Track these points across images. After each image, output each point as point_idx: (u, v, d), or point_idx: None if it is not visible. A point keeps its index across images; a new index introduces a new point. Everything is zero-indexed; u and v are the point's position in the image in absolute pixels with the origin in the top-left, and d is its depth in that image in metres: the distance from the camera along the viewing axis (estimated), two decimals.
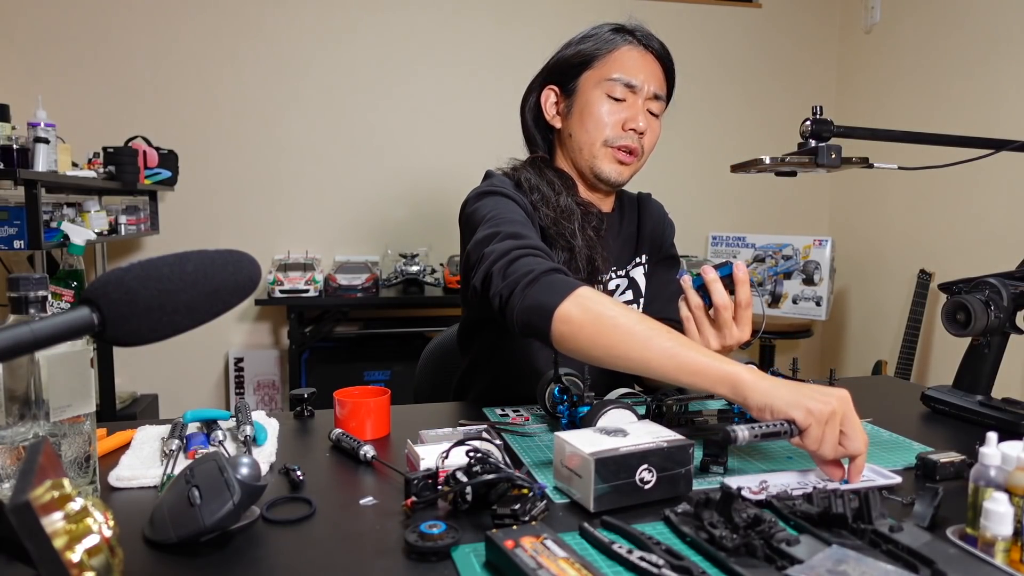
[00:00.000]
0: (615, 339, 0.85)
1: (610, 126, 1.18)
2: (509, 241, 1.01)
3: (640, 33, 1.22)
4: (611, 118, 1.18)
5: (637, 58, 1.20)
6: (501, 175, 1.24)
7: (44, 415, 0.70)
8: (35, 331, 0.46)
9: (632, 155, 1.20)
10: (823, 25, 3.50)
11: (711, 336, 0.99)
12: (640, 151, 1.20)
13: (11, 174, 1.85)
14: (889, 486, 0.78)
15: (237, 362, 3.02)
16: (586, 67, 1.21)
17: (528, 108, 1.30)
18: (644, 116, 1.19)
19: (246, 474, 0.66)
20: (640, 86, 1.19)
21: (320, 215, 3.09)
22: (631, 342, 0.84)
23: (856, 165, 1.09)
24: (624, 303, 1.26)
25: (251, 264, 0.58)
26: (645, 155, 1.23)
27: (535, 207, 1.17)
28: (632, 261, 1.32)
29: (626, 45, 1.20)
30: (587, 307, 0.88)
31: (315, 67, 3.02)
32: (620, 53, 1.20)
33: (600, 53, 1.20)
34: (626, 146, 1.19)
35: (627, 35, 1.21)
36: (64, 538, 0.44)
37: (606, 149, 1.19)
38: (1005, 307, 1.03)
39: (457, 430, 0.93)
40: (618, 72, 1.18)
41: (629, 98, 1.19)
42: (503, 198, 1.13)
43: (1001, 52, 2.61)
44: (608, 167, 1.20)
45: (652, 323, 0.86)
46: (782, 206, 3.53)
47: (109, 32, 2.85)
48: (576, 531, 0.68)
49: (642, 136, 1.19)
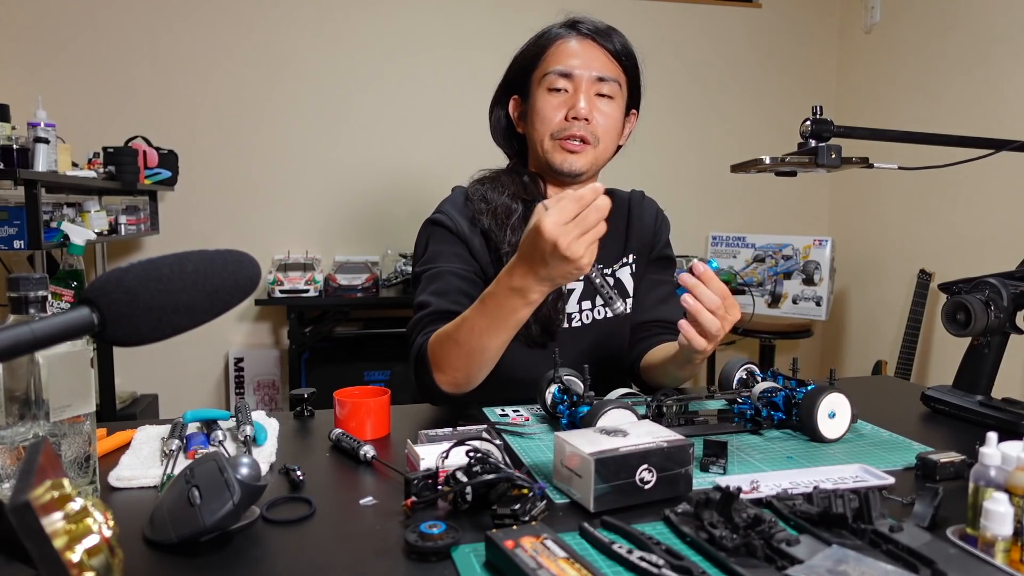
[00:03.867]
0: (462, 354, 1.01)
1: (553, 119, 1.19)
2: (419, 313, 1.16)
3: (580, 24, 1.23)
4: (554, 112, 1.19)
5: (573, 46, 1.20)
6: (461, 191, 1.29)
7: (44, 415, 0.70)
8: (35, 331, 0.46)
9: (584, 143, 1.19)
10: (823, 25, 3.50)
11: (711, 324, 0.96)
12: (592, 138, 1.20)
13: (11, 174, 1.85)
14: (882, 487, 0.78)
15: (237, 362, 3.02)
16: (532, 69, 1.23)
17: (497, 123, 1.32)
18: (588, 100, 1.18)
19: (246, 474, 0.66)
20: (577, 73, 1.19)
21: (320, 215, 3.09)
22: (470, 346, 0.99)
23: (856, 165, 1.09)
24: None
25: (251, 264, 0.58)
26: (602, 141, 1.21)
27: (476, 217, 1.22)
28: (619, 260, 1.32)
29: (560, 38, 1.21)
30: (436, 353, 1.05)
31: (315, 67, 3.02)
32: (555, 47, 1.21)
33: (539, 52, 1.22)
34: (572, 135, 1.19)
35: (562, 28, 1.22)
36: (64, 538, 0.44)
37: (554, 142, 1.20)
38: (1005, 307, 1.03)
39: (457, 430, 0.93)
40: (554, 64, 1.20)
41: (569, 87, 1.19)
42: (440, 232, 1.22)
43: (1001, 52, 2.61)
44: (559, 158, 1.20)
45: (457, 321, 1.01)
46: (782, 206, 3.53)
47: (109, 32, 2.85)
48: (576, 531, 0.68)
49: (589, 122, 1.19)
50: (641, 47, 1.30)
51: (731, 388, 1.08)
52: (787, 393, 0.99)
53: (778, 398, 0.99)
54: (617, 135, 1.25)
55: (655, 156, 3.35)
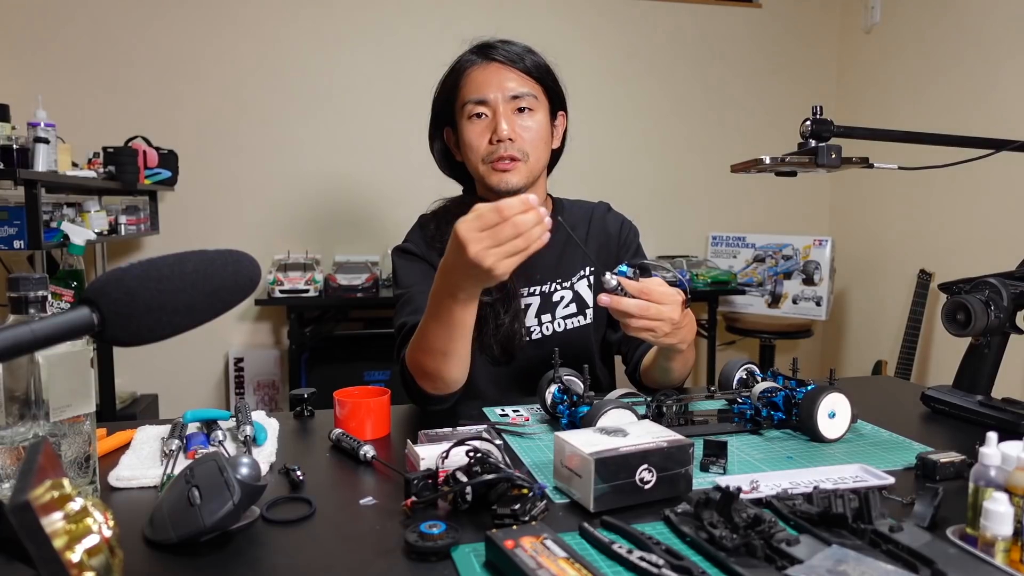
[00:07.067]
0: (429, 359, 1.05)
1: (480, 146, 1.24)
2: (399, 335, 1.20)
3: (489, 49, 1.26)
4: (479, 138, 1.23)
5: (480, 73, 1.24)
6: (424, 220, 1.35)
7: (44, 415, 0.70)
8: (35, 331, 0.46)
9: (514, 160, 1.23)
10: (823, 25, 3.50)
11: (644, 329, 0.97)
12: (521, 154, 1.23)
13: (11, 174, 1.84)
14: (882, 487, 0.78)
15: (237, 362, 3.02)
16: (453, 100, 1.27)
17: (440, 156, 1.36)
18: (508, 121, 1.22)
19: (246, 474, 0.66)
20: (491, 96, 1.23)
21: (320, 215, 3.09)
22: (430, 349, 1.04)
23: (856, 165, 1.09)
24: (568, 315, 1.30)
25: (251, 264, 0.58)
26: (531, 154, 1.24)
27: (431, 241, 1.29)
28: (577, 274, 1.32)
29: (471, 66, 1.25)
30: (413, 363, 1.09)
31: (315, 67, 3.02)
32: (467, 76, 1.25)
33: (455, 83, 1.27)
34: (500, 156, 1.22)
35: (472, 55, 1.26)
36: (64, 538, 0.44)
37: (486, 166, 1.24)
38: (1005, 307, 1.03)
39: (457, 430, 0.93)
40: (469, 94, 1.24)
41: (488, 112, 1.23)
42: (406, 258, 1.30)
43: (1001, 52, 2.61)
44: (495, 179, 1.24)
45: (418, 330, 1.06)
46: (782, 206, 3.53)
47: (109, 32, 2.85)
48: (576, 531, 0.68)
49: (514, 141, 1.22)
50: (641, 47, 1.31)
51: (731, 388, 1.08)
52: (787, 393, 0.99)
53: (778, 398, 0.99)
54: (546, 143, 1.28)
55: (655, 156, 3.35)
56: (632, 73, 3.27)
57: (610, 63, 3.26)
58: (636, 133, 3.30)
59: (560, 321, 1.29)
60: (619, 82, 3.28)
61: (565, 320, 1.29)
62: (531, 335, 1.27)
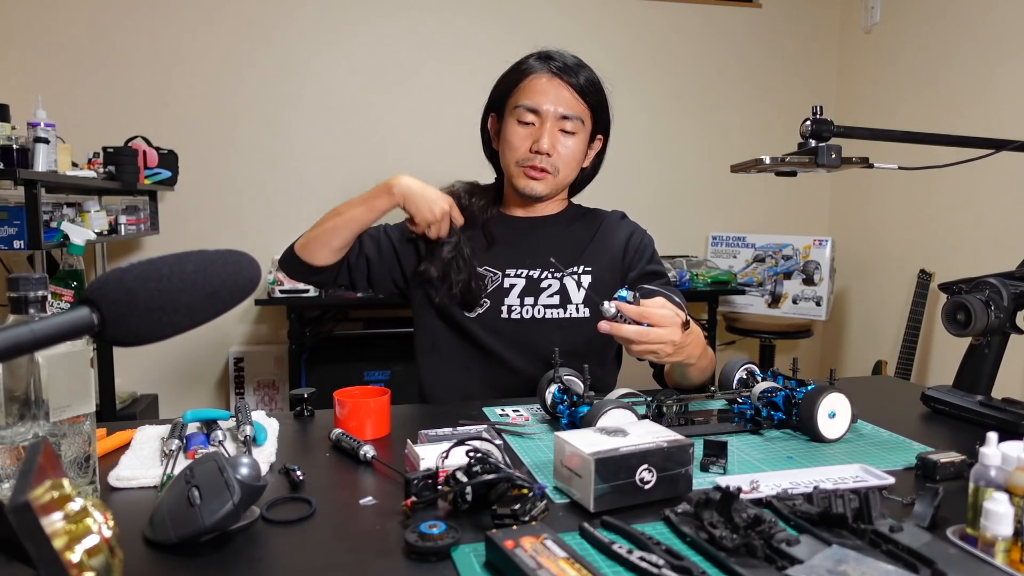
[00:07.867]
0: (324, 233, 1.38)
1: (520, 149, 1.30)
2: None
3: (552, 61, 1.31)
4: (521, 142, 1.30)
5: (543, 84, 1.30)
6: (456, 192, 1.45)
7: (44, 415, 0.70)
8: (35, 331, 0.46)
9: (545, 172, 1.30)
10: (823, 25, 3.50)
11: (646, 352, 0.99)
12: (552, 168, 1.30)
13: (11, 174, 1.84)
14: (882, 487, 0.78)
15: (237, 362, 3.02)
16: (508, 95, 1.33)
17: (484, 135, 1.43)
18: (551, 137, 1.28)
19: (246, 474, 0.66)
20: (544, 109, 1.28)
21: (320, 215, 3.08)
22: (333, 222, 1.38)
23: (856, 165, 1.09)
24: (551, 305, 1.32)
25: (251, 264, 0.58)
26: (561, 171, 1.32)
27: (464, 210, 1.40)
28: (569, 266, 1.34)
29: (534, 73, 1.31)
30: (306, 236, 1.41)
31: (315, 66, 3.02)
32: (528, 81, 1.31)
33: (515, 82, 1.32)
34: (534, 165, 1.30)
35: (538, 63, 1.31)
36: (64, 538, 0.44)
37: (518, 168, 1.32)
38: (1005, 307, 1.03)
39: (457, 430, 0.93)
40: (524, 99, 1.30)
41: (536, 122, 1.29)
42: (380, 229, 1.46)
43: (1001, 52, 2.61)
44: (522, 183, 1.32)
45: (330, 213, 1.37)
46: (782, 206, 3.53)
47: (109, 32, 2.85)
48: (576, 531, 0.68)
49: (551, 156, 1.29)
50: (641, 47, 1.33)
51: (731, 388, 1.08)
52: (787, 393, 0.99)
53: (778, 398, 0.99)
54: (577, 164, 1.35)
55: (655, 156, 3.35)
56: (632, 73, 3.27)
57: (610, 63, 3.24)
58: (636, 133, 3.30)
59: (540, 308, 1.31)
60: (619, 82, 3.26)
61: (546, 308, 1.31)
62: (511, 313, 1.30)
